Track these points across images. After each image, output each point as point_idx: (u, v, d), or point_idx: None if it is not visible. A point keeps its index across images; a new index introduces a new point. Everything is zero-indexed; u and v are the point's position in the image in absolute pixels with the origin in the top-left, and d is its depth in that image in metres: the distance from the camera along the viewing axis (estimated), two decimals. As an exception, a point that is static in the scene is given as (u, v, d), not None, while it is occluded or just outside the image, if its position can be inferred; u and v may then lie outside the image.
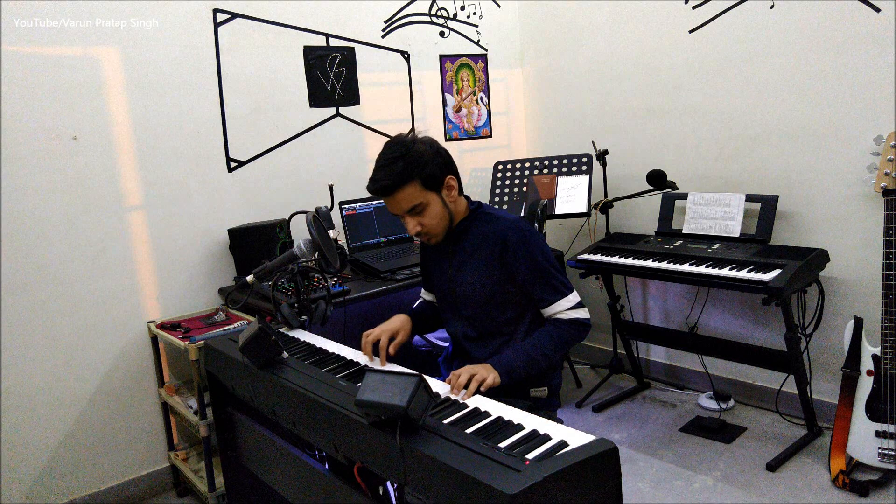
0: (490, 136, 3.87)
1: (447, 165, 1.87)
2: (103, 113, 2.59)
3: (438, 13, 3.57)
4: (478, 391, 1.62)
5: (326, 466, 1.76)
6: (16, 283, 2.45)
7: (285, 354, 1.85)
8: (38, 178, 2.47)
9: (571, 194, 3.32)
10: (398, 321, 1.99)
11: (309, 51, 3.11)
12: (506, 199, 3.49)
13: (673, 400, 3.31)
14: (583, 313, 1.89)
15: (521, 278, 1.87)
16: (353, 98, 3.28)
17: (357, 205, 3.18)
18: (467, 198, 1.98)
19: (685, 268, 2.76)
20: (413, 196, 1.81)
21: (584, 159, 3.38)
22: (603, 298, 3.36)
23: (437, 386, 1.63)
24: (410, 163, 1.78)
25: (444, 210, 1.87)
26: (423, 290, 2.24)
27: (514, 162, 3.56)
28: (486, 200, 3.52)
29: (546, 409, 1.97)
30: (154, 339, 2.73)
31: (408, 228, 1.86)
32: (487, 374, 1.68)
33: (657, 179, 3.04)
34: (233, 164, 2.93)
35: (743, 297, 3.07)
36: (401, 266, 2.89)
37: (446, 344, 2.23)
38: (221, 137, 2.89)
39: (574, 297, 1.89)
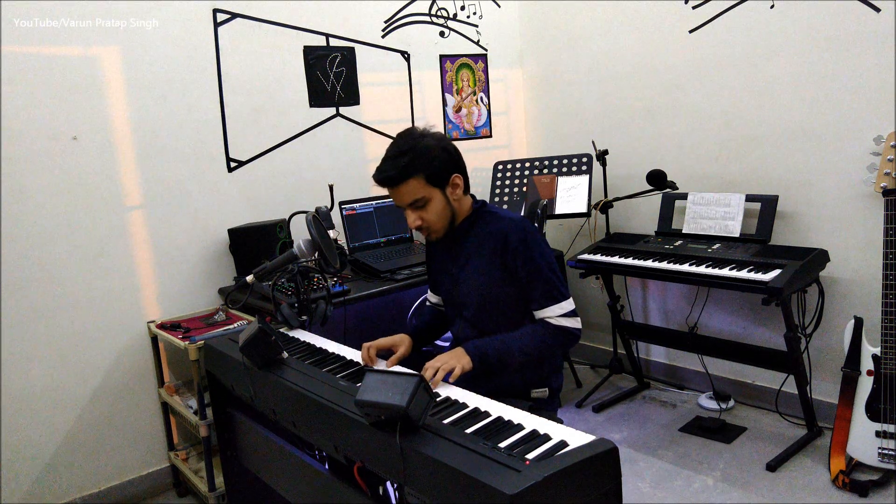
0: (490, 136, 3.87)
1: (454, 163, 1.87)
2: (103, 113, 2.59)
3: (438, 13, 3.57)
4: (446, 380, 1.67)
5: (326, 466, 1.76)
6: (16, 283, 2.45)
7: (285, 354, 1.85)
8: (38, 178, 2.47)
9: (571, 194, 3.32)
10: (399, 337, 1.98)
11: (309, 51, 3.11)
12: (506, 199, 3.49)
13: (673, 400, 3.31)
14: (572, 322, 1.86)
15: (518, 278, 1.86)
16: (353, 98, 3.28)
17: (357, 205, 3.18)
18: (473, 197, 1.97)
19: (685, 268, 2.76)
20: (416, 190, 1.81)
21: (584, 159, 3.38)
22: (603, 298, 3.36)
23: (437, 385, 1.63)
24: (416, 157, 1.78)
25: (447, 207, 1.87)
26: (429, 292, 2.22)
27: (514, 162, 3.56)
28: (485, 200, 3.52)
29: (547, 409, 1.96)
30: (154, 339, 2.73)
31: (408, 221, 1.86)
32: (457, 361, 1.72)
33: (657, 179, 3.04)
34: (233, 164, 2.93)
35: (743, 297, 3.07)
36: (401, 266, 2.89)
37: (447, 344, 2.23)
38: (221, 137, 2.89)
39: (567, 305, 1.86)
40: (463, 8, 3.66)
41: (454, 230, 1.93)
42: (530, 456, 1.20)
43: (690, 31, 3.11)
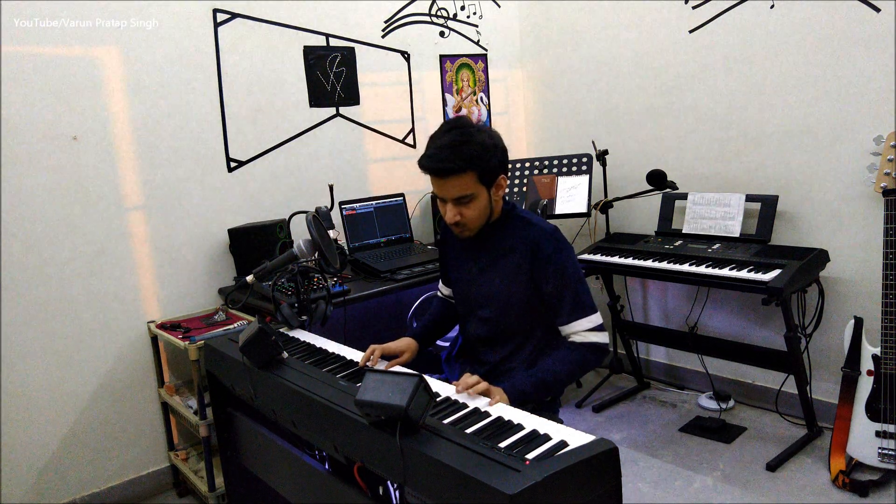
0: (490, 136, 3.86)
1: (503, 164, 1.81)
2: (103, 113, 2.59)
3: (438, 13, 3.57)
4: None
5: (326, 466, 1.76)
6: (16, 283, 2.45)
7: (285, 354, 1.85)
8: (38, 178, 2.47)
9: (571, 194, 3.32)
10: (405, 343, 1.96)
11: (309, 51, 3.11)
12: (506, 199, 3.48)
13: (673, 400, 3.31)
14: (601, 337, 1.80)
15: (546, 290, 1.81)
16: (353, 98, 3.28)
17: (357, 205, 3.18)
18: (503, 197, 1.92)
19: (685, 268, 2.76)
20: (467, 185, 1.74)
21: (584, 159, 3.38)
22: (603, 298, 3.36)
23: (438, 386, 1.63)
24: (478, 151, 1.72)
25: (488, 207, 1.82)
26: (440, 283, 2.19)
27: (514, 162, 3.56)
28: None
29: (547, 410, 1.96)
30: (154, 339, 2.73)
31: (447, 216, 1.79)
32: (498, 396, 1.59)
33: (657, 179, 3.04)
34: (233, 164, 2.93)
35: (743, 297, 3.07)
36: (401, 266, 2.89)
37: (447, 344, 2.22)
38: (221, 137, 2.89)
39: (596, 319, 1.81)
40: (463, 8, 3.66)
41: (481, 229, 1.87)
42: (530, 456, 1.20)
43: (690, 31, 3.11)
